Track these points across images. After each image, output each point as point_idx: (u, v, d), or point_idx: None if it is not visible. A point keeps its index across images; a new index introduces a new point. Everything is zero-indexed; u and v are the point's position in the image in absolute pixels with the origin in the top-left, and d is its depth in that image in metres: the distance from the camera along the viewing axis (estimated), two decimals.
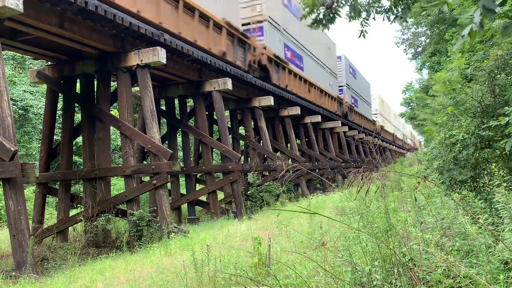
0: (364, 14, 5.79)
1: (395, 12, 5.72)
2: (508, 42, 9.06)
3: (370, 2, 5.70)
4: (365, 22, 5.83)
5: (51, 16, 11.11)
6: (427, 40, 32.86)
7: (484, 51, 9.87)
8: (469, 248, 4.16)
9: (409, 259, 4.16)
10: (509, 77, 8.34)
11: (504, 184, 4.86)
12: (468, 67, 11.46)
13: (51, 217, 17.10)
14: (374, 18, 5.95)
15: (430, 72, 30.59)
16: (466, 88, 9.53)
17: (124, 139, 13.47)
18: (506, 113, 6.26)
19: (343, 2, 5.47)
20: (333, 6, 5.40)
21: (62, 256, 11.52)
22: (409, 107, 54.35)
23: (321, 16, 5.61)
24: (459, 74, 12.32)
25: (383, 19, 5.90)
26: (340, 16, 5.59)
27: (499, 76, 8.45)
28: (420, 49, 35.94)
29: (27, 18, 10.58)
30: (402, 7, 5.55)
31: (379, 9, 5.73)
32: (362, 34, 5.93)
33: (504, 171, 6.45)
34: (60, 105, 19.45)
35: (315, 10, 5.56)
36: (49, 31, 11.73)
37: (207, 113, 20.46)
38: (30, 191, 20.83)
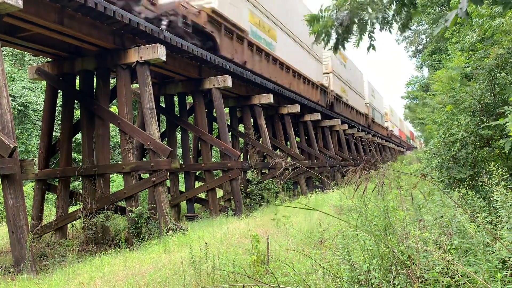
0: (369, 28, 5.83)
1: (398, 20, 5.75)
2: (508, 40, 9.05)
3: (375, 13, 5.73)
4: (372, 35, 5.87)
5: (51, 12, 11.09)
6: (428, 39, 32.83)
7: (485, 49, 9.86)
8: (467, 247, 4.16)
9: (407, 258, 4.16)
10: (509, 76, 8.33)
11: (503, 183, 4.85)
12: (468, 66, 11.44)
13: (50, 213, 17.06)
14: (380, 30, 5.98)
15: (431, 71, 30.57)
16: (465, 86, 9.52)
17: (123, 136, 13.46)
18: (506, 113, 6.25)
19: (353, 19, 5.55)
20: (347, 24, 5.48)
21: (61, 253, 11.52)
22: (411, 101, 56.46)
23: (333, 38, 5.75)
24: (458, 73, 12.30)
25: (385, 30, 5.94)
26: (352, 34, 5.69)
27: (499, 75, 8.44)
28: (420, 47, 35.90)
29: (26, 14, 10.55)
30: (404, 15, 5.58)
31: (383, 21, 5.76)
32: (371, 47, 5.99)
33: (503, 170, 6.45)
34: (59, 101, 19.42)
35: (327, 34, 5.68)
36: (49, 28, 11.71)
37: (206, 110, 20.45)
38: (29, 188, 20.81)
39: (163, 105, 20.10)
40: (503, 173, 5.76)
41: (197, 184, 21.84)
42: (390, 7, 5.74)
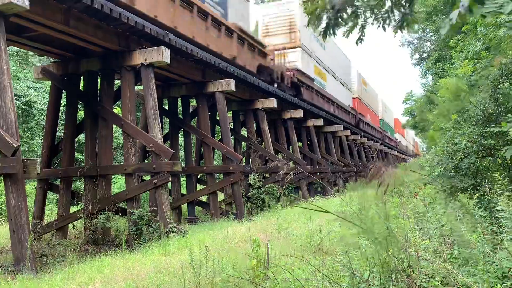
0: (361, 19, 5.72)
1: (394, 19, 5.64)
2: None
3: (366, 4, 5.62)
4: (363, 29, 5.78)
5: (57, 13, 11.15)
6: (432, 46, 32.82)
7: (490, 59, 9.84)
8: (468, 256, 4.15)
9: (407, 266, 4.15)
10: None
11: (507, 193, 4.84)
12: (474, 74, 11.42)
13: (51, 213, 17.11)
14: (372, 24, 5.87)
15: (435, 79, 30.52)
16: (470, 96, 9.50)
17: (126, 138, 13.49)
18: (508, 120, 6.23)
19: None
20: (338, 8, 5.37)
21: (61, 253, 11.53)
22: (411, 117, 56.78)
23: (326, 21, 5.60)
24: (464, 83, 12.26)
25: (379, 26, 5.81)
26: (345, 18, 5.55)
27: (502, 85, 8.42)
28: (425, 55, 35.86)
29: (33, 15, 10.61)
30: (401, 13, 5.48)
31: (376, 16, 5.66)
32: (360, 40, 5.89)
33: (505, 180, 6.42)
34: (63, 101, 19.50)
35: (321, 16, 5.54)
36: (55, 28, 11.77)
37: (209, 113, 20.49)
38: (31, 187, 20.85)
39: (166, 107, 20.14)
40: (507, 183, 5.74)
41: (199, 187, 21.85)
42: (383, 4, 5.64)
